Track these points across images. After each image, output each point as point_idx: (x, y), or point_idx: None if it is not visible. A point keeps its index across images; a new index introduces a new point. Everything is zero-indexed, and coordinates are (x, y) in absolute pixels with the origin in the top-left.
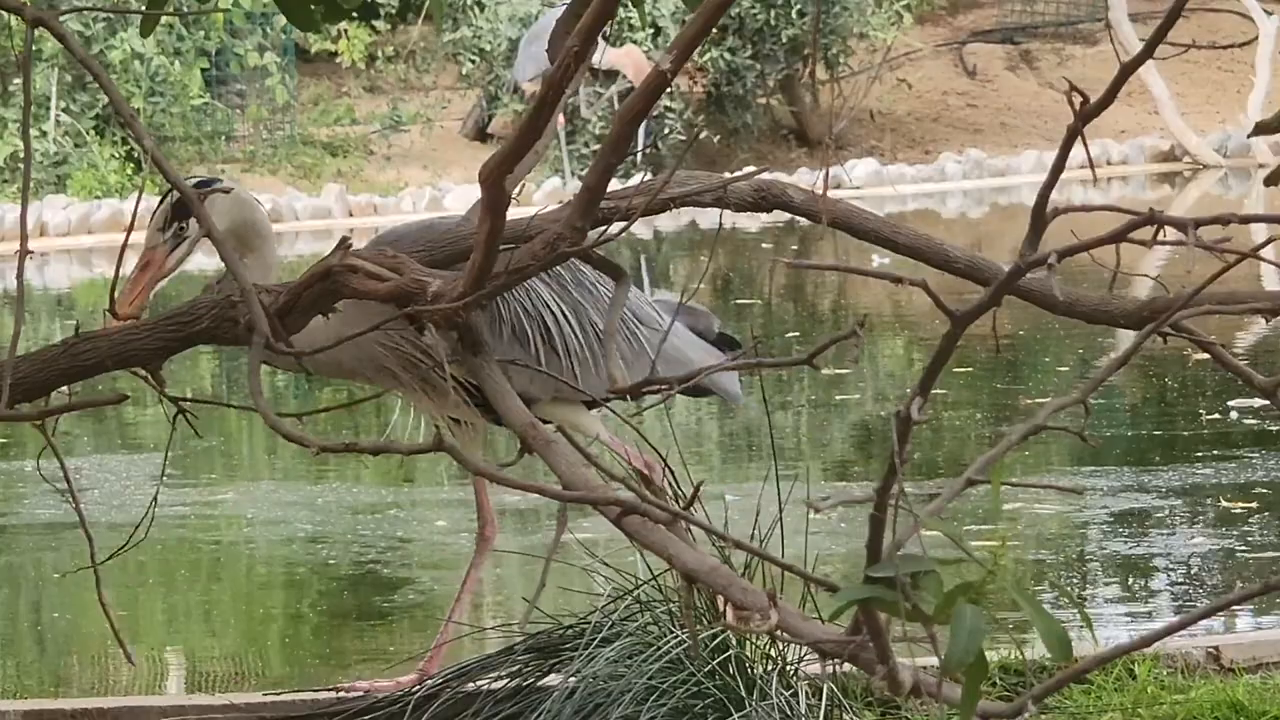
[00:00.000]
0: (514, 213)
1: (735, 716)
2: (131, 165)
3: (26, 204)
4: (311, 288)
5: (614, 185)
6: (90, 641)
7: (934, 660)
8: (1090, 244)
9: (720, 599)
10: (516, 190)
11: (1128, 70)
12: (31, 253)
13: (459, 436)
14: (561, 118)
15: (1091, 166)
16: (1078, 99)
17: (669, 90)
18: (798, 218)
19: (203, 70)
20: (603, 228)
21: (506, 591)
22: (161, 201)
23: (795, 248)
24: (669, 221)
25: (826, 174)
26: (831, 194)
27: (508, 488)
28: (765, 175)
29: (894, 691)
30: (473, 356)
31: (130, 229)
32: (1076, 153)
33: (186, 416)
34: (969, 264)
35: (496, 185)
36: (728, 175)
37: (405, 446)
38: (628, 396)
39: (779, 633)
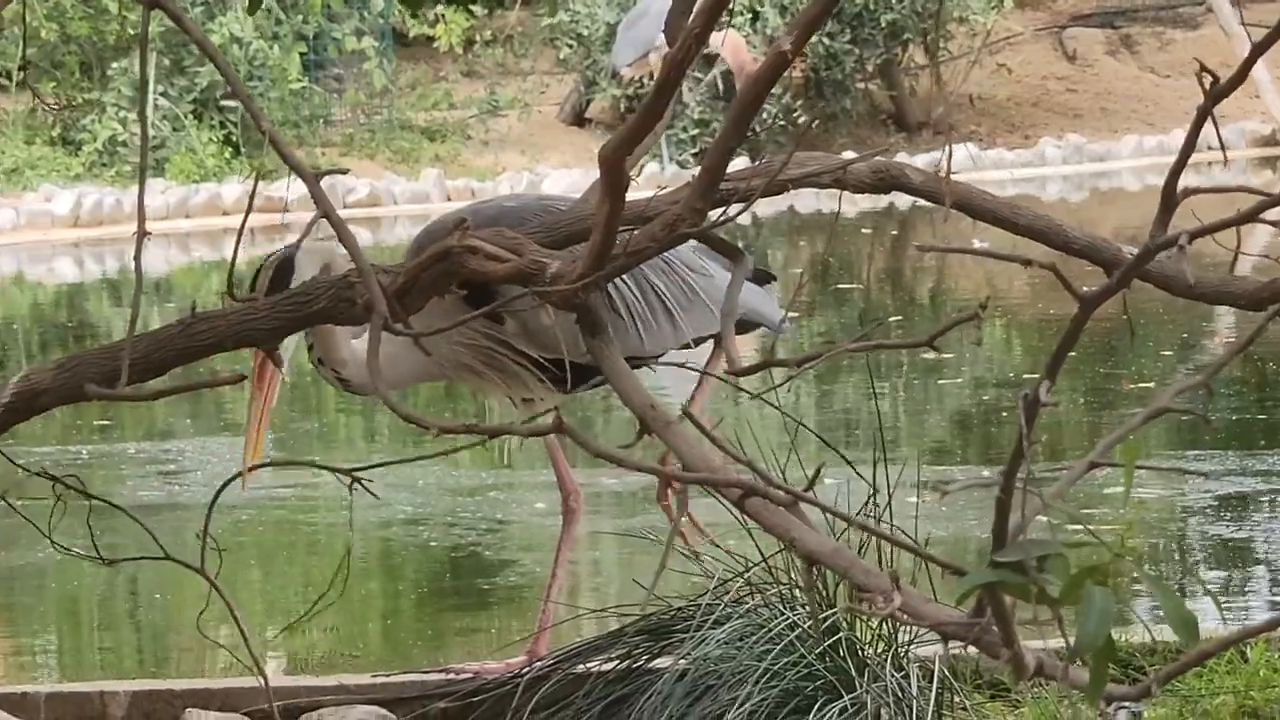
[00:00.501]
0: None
1: (846, 699)
2: (229, 149)
3: (144, 184)
4: (430, 268)
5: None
6: (190, 623)
7: (1041, 642)
8: (1220, 225)
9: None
10: (635, 172)
11: (1259, 50)
12: (149, 233)
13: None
14: None
15: (1223, 147)
16: (1207, 79)
17: None
18: (895, 204)
19: (301, 54)
20: (722, 209)
21: (606, 574)
22: (256, 277)
23: (895, 232)
24: (767, 207)
25: (949, 154)
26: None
27: (605, 471)
28: (883, 157)
29: (1018, 675)
30: (591, 338)
31: (249, 208)
32: (1173, 139)
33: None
34: (1088, 245)
35: (616, 167)
36: (845, 156)
37: (525, 429)
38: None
39: (901, 615)
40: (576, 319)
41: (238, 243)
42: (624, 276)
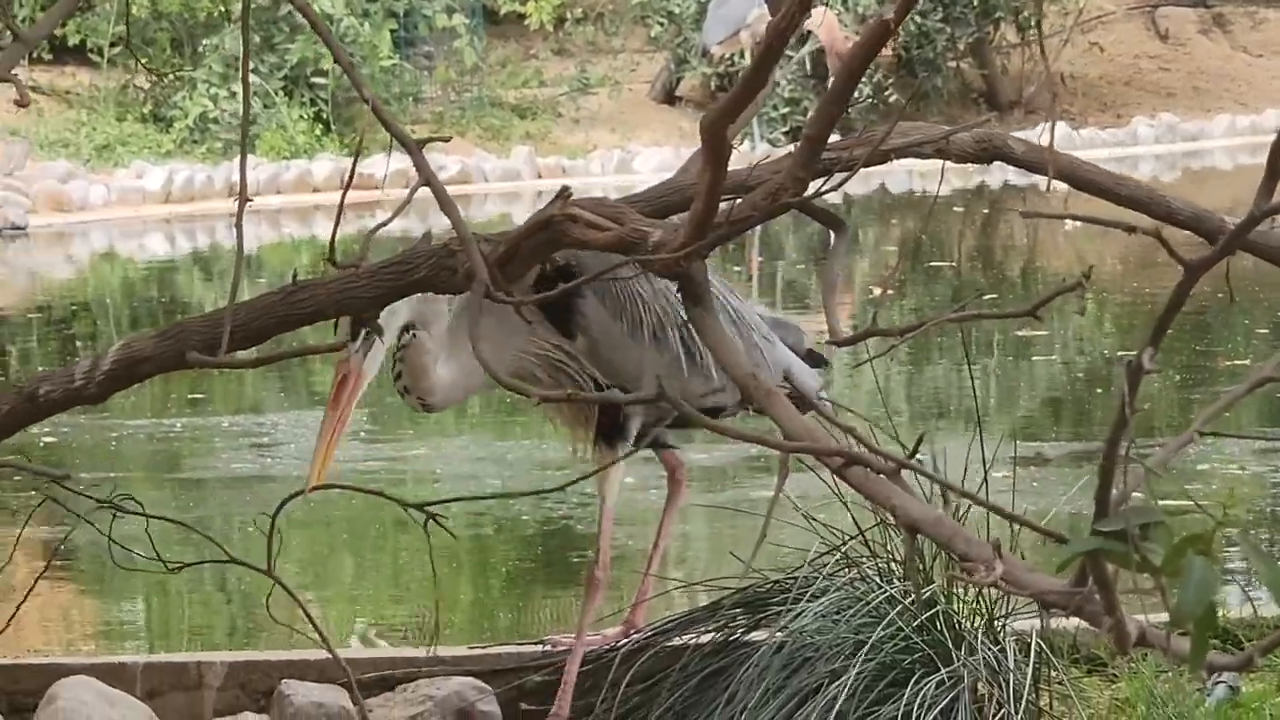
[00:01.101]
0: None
1: (943, 672)
2: (320, 126)
3: (246, 151)
4: (531, 237)
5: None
6: (282, 594)
7: (1143, 617)
8: None
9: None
10: (738, 142)
11: None
12: (251, 199)
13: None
14: None
15: None
16: None
17: None
18: (986, 182)
19: (391, 32)
20: (824, 178)
21: (696, 549)
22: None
23: (986, 211)
24: (858, 186)
25: (1053, 126)
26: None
27: (695, 446)
28: (986, 128)
29: (1121, 643)
30: (693, 307)
31: (350, 177)
32: (1265, 119)
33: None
34: (1192, 216)
35: (718, 136)
36: (947, 127)
37: (626, 398)
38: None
39: (1003, 584)
40: (678, 289)
41: (340, 209)
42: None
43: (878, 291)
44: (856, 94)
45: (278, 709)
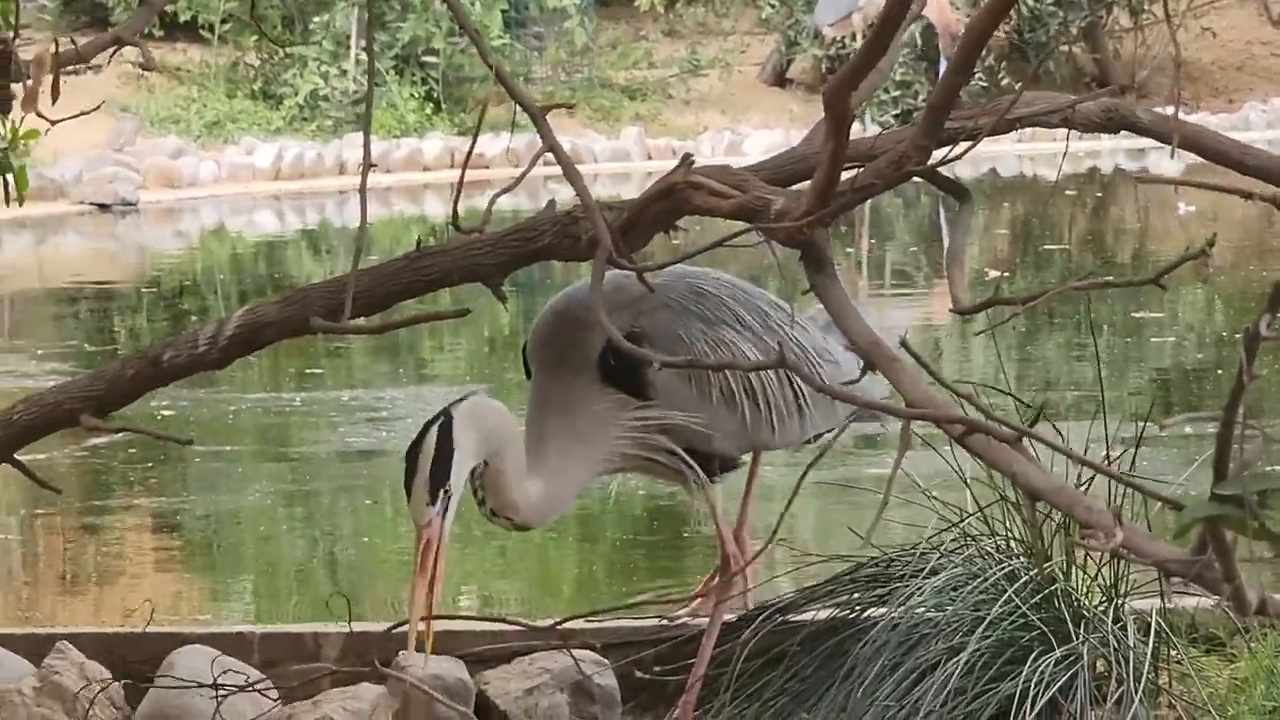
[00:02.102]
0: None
1: (1061, 650)
2: (430, 105)
3: (369, 120)
4: (654, 204)
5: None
6: (394, 566)
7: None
8: None
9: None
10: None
11: None
12: (374, 165)
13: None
14: None
15: None
16: None
17: None
18: (1099, 168)
19: (502, 12)
20: (948, 146)
21: (809, 525)
22: (410, 481)
23: (1100, 194)
24: (968, 170)
25: (1177, 96)
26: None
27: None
28: (1111, 97)
29: (1239, 610)
30: (816, 274)
31: (473, 142)
32: None
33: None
34: None
35: (841, 103)
36: (1073, 96)
37: (748, 364)
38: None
39: (1124, 551)
40: (801, 257)
41: (462, 175)
42: (771, 370)
43: (993, 274)
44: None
45: (394, 681)
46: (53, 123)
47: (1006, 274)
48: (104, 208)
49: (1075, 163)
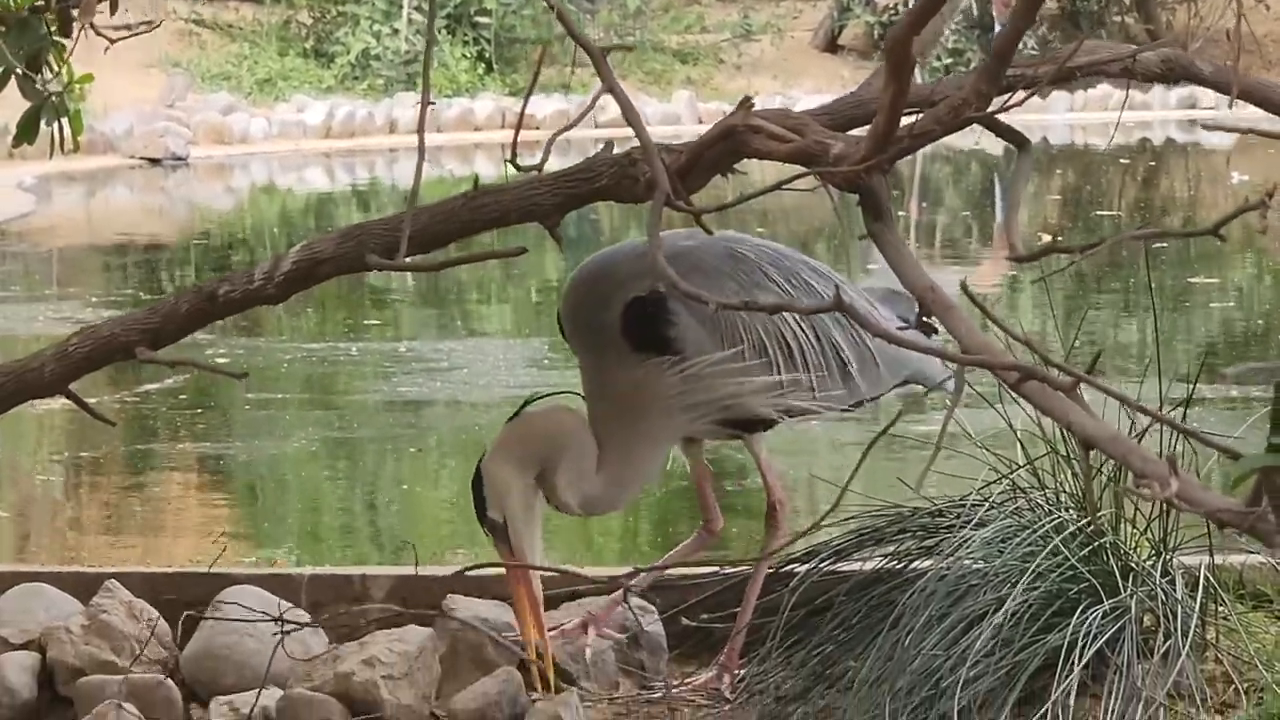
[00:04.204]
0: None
1: (1109, 602)
2: (482, 65)
3: (429, 61)
4: (713, 147)
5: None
6: (438, 512)
7: None
8: None
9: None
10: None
11: None
12: (433, 103)
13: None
14: None
15: None
16: None
17: None
18: (1150, 139)
19: None
20: (1008, 94)
21: (857, 479)
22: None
23: (1153, 163)
24: None
25: (1238, 46)
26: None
27: None
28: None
29: None
30: (873, 220)
31: (533, 81)
32: None
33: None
34: None
35: (902, 50)
36: (1134, 46)
37: (803, 306)
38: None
39: (1177, 502)
40: (859, 201)
41: (522, 112)
42: (806, 330)
43: (1045, 238)
44: (1021, 46)
45: (441, 623)
46: (112, 41)
47: (1059, 238)
48: (154, 162)
49: (1126, 133)
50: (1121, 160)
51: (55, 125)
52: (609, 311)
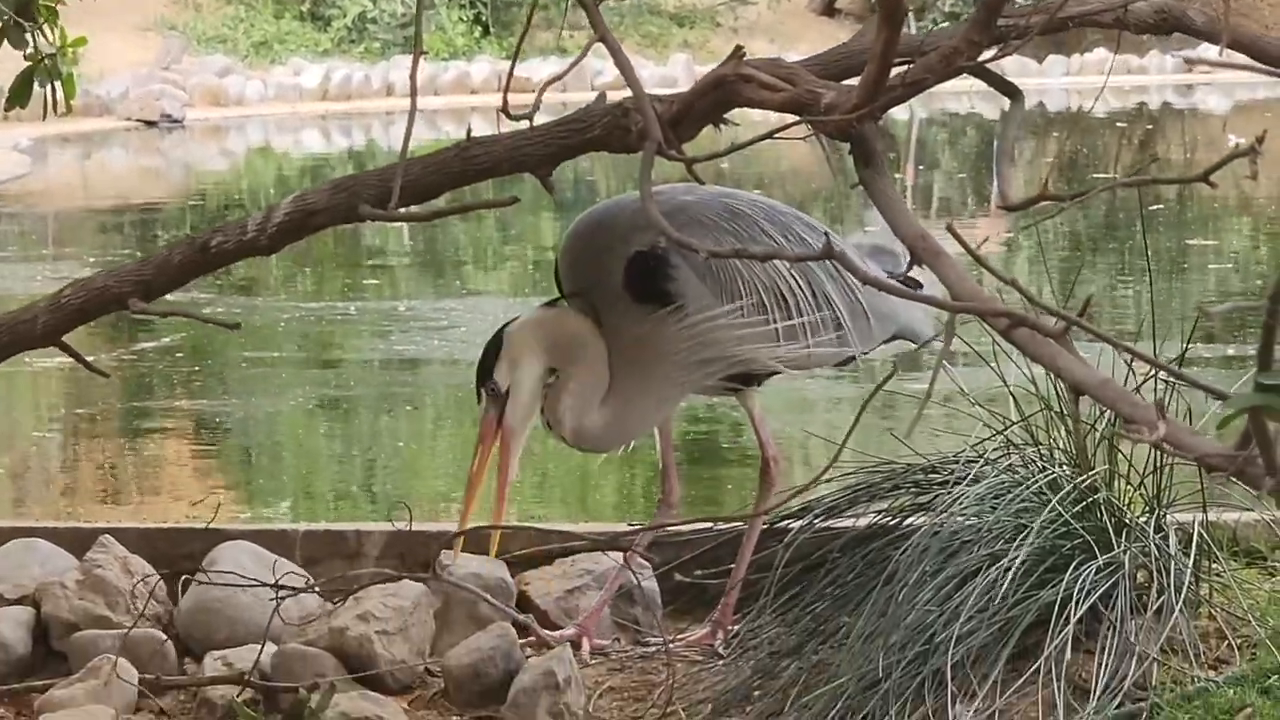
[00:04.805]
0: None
1: (1102, 558)
2: (479, 29)
3: (420, 17)
4: (705, 97)
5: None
6: (435, 469)
7: None
8: None
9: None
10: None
11: None
12: (426, 52)
13: None
14: None
15: None
16: None
17: None
18: (1146, 104)
19: None
20: (999, 43)
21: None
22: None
23: (1150, 126)
24: None
25: (1227, 4)
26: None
27: None
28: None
29: None
30: (864, 168)
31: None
32: None
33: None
34: None
35: None
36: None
37: (793, 254)
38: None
39: (1166, 446)
40: (850, 149)
41: (513, 63)
42: (800, 283)
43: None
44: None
45: (435, 579)
46: None
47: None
48: (150, 124)
49: (1123, 97)
50: (1119, 124)
51: (48, 88)
52: (612, 263)
